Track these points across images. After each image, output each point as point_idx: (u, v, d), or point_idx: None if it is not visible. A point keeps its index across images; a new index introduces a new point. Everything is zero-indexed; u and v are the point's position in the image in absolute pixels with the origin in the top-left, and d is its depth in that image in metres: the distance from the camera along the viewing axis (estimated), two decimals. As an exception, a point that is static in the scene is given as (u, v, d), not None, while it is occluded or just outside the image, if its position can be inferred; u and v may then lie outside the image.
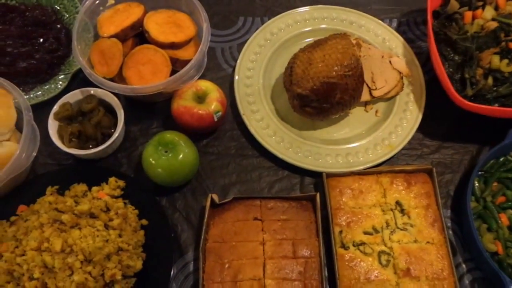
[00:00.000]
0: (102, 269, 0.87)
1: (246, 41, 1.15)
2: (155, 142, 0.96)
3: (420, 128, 1.06)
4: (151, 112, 1.08)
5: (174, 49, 1.03)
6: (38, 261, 0.85)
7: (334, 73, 0.96)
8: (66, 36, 1.12)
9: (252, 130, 1.03)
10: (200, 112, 0.99)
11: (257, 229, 0.94)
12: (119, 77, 1.02)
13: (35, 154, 0.92)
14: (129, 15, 1.03)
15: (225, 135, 1.07)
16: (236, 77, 1.08)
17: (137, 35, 1.06)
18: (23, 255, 0.87)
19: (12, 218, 0.95)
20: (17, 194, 0.97)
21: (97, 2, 1.04)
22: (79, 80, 1.11)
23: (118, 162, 1.04)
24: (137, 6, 1.05)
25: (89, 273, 0.86)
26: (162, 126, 1.07)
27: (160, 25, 1.03)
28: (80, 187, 0.97)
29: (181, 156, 0.95)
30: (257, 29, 1.16)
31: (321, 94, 0.96)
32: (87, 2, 1.03)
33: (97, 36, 1.06)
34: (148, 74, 1.00)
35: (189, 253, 0.96)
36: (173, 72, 1.00)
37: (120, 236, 0.91)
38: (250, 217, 0.95)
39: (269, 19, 1.17)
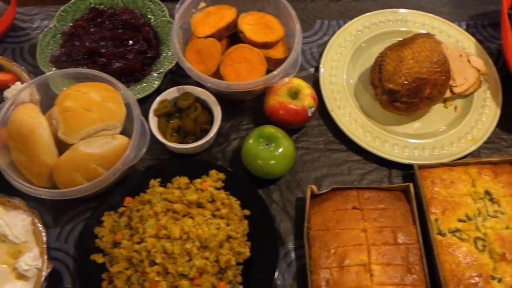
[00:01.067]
0: (216, 255, 0.91)
1: (325, 42, 1.21)
2: (255, 135, 1.00)
3: (497, 123, 1.11)
4: (240, 109, 1.13)
5: (266, 48, 1.08)
6: (158, 247, 0.88)
7: (424, 69, 1.01)
8: (155, 38, 1.17)
9: (341, 125, 1.08)
10: (295, 107, 1.04)
11: (357, 217, 0.98)
12: (214, 75, 1.06)
13: (146, 147, 0.96)
14: (222, 16, 1.08)
15: (312, 131, 1.11)
16: (322, 76, 1.14)
17: (229, 36, 1.11)
18: (140, 242, 0.91)
19: (121, 209, 0.99)
20: (121, 187, 1.01)
21: (190, 5, 1.09)
22: (168, 79, 1.15)
23: (213, 157, 1.08)
24: (229, 8, 1.10)
25: (206, 258, 0.89)
26: (252, 122, 1.12)
27: (253, 26, 1.08)
28: (183, 180, 1.01)
29: (281, 149, 0.99)
30: (333, 31, 1.22)
31: (412, 89, 1.02)
32: (183, 5, 1.08)
33: (186, 37, 1.11)
34: (244, 72, 1.05)
35: (289, 242, 1.00)
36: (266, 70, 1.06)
37: (227, 225, 0.95)
38: (349, 206, 0.99)
39: (344, 22, 1.23)
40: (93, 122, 0.93)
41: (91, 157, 0.92)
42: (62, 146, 0.95)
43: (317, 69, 1.17)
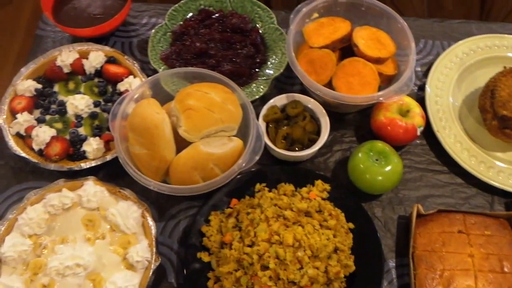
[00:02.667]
0: (325, 266, 0.91)
1: (428, 61, 1.21)
2: (366, 149, 1.01)
3: None
4: (342, 122, 1.14)
5: (378, 64, 1.08)
6: (271, 252, 0.89)
7: (542, 98, 1.00)
8: (262, 43, 1.19)
9: (446, 147, 1.08)
10: (405, 125, 1.04)
11: (464, 241, 0.97)
12: (325, 86, 1.07)
13: (261, 152, 0.97)
14: (337, 29, 1.09)
15: (415, 150, 1.11)
16: (428, 96, 1.13)
17: (341, 48, 1.11)
18: (251, 245, 0.92)
19: (228, 210, 1.00)
20: (226, 188, 1.02)
21: (305, 15, 1.10)
22: (272, 86, 1.16)
23: (316, 167, 1.09)
24: (342, 21, 1.11)
25: (317, 268, 0.90)
26: (354, 136, 1.13)
27: (366, 41, 1.08)
28: (289, 187, 1.02)
29: (390, 166, 0.99)
30: (437, 51, 1.23)
31: (527, 117, 1.01)
32: (298, 15, 1.09)
33: (295, 45, 1.12)
34: (357, 85, 1.05)
35: (389, 260, 1.00)
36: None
37: (334, 236, 0.95)
38: (455, 229, 0.99)
39: (448, 43, 1.23)
40: (215, 123, 0.94)
41: (210, 156, 0.94)
42: (177, 143, 0.97)
43: (420, 88, 1.17)
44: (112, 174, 1.05)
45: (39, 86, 1.11)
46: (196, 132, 0.94)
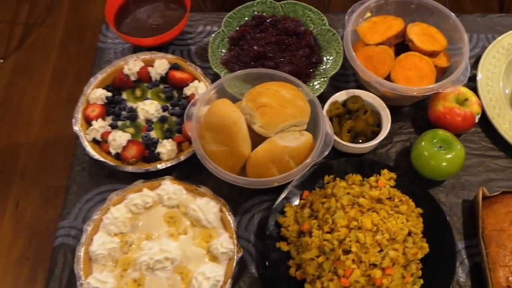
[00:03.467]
0: (403, 248, 0.95)
1: (475, 54, 1.27)
2: (429, 137, 1.06)
3: None
4: (399, 115, 1.19)
5: (432, 57, 1.14)
6: (352, 237, 0.94)
7: None
8: (316, 44, 1.24)
9: (502, 132, 1.13)
10: (464, 113, 1.09)
11: (530, 221, 1.02)
12: (382, 80, 1.12)
13: (331, 144, 1.01)
14: (391, 26, 1.15)
15: (471, 138, 1.16)
16: (480, 85, 1.19)
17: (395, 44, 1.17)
18: (330, 232, 0.96)
19: (301, 202, 1.05)
20: (296, 181, 1.07)
21: (359, 15, 1.16)
22: (328, 84, 1.22)
23: (378, 157, 1.14)
24: (395, 19, 1.17)
25: (395, 250, 0.94)
26: (412, 127, 1.18)
27: (419, 36, 1.14)
28: (356, 177, 1.07)
29: (454, 152, 1.04)
30: (483, 44, 1.28)
31: None
32: (353, 15, 1.15)
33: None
34: (415, 78, 1.10)
35: (458, 242, 1.04)
36: (432, 78, 1.12)
37: (407, 221, 1.00)
38: (520, 210, 1.03)
39: (492, 36, 1.29)
40: (288, 118, 1.00)
41: (286, 149, 0.99)
42: (251, 140, 1.02)
43: (470, 79, 1.22)
44: (185, 173, 1.11)
45: (109, 94, 1.16)
46: (272, 127, 0.99)
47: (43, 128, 2.33)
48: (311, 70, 1.22)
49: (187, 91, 1.17)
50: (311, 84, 1.19)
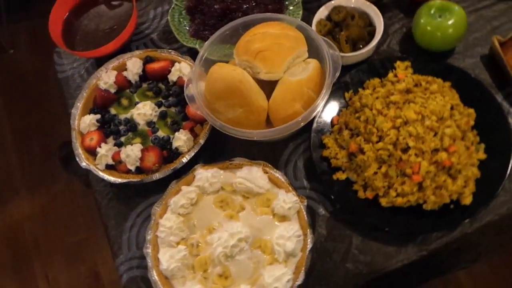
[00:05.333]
0: (454, 122, 0.93)
1: None
2: (426, 12, 1.03)
3: None
4: (383, 8, 1.13)
5: None
6: (404, 133, 0.91)
7: None
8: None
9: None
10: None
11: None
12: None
13: (341, 61, 0.97)
14: None
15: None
16: None
17: None
18: (379, 141, 0.93)
19: (334, 128, 1.01)
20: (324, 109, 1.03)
21: None
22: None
23: (382, 55, 1.11)
24: None
25: (449, 126, 0.92)
26: (400, 13, 1.15)
27: None
28: (375, 81, 1.04)
29: (455, 16, 1.01)
30: None
31: None
32: None
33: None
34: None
35: (495, 96, 1.02)
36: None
37: (443, 96, 0.97)
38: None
39: None
40: (289, 52, 0.95)
41: (301, 82, 0.94)
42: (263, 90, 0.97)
43: None
44: (210, 156, 1.05)
45: (98, 116, 1.09)
46: (278, 68, 0.94)
47: (33, 194, 2.22)
48: (282, 3, 1.16)
49: (173, 77, 1.10)
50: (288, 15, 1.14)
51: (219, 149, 1.04)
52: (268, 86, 0.97)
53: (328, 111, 1.04)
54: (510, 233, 1.07)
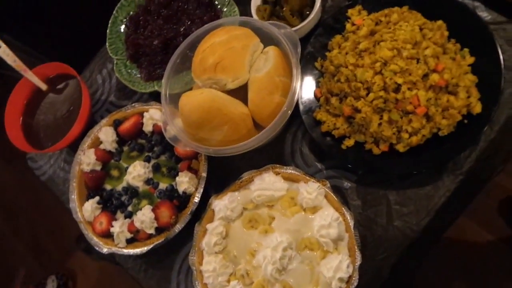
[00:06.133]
0: (431, 42, 0.90)
1: None
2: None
3: None
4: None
5: None
6: (388, 74, 0.87)
7: None
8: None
9: None
10: None
11: None
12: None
13: (298, 38, 0.94)
14: None
15: None
16: None
17: None
18: (369, 93, 0.90)
19: (321, 101, 0.98)
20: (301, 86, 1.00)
21: None
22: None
23: (331, 12, 1.07)
24: None
25: (428, 47, 0.89)
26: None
27: None
28: (336, 39, 1.01)
29: None
30: None
31: None
32: None
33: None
34: None
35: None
36: None
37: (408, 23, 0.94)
38: None
39: None
40: (244, 51, 0.92)
41: (269, 74, 0.91)
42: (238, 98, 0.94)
43: None
44: (218, 185, 1.01)
45: (97, 198, 1.05)
46: (241, 71, 0.91)
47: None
48: (213, 6, 1.13)
49: (148, 128, 1.07)
50: (226, 16, 1.11)
51: (224, 172, 1.01)
52: (241, 92, 0.94)
53: (308, 87, 1.01)
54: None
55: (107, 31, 1.17)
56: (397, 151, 0.90)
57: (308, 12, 1.03)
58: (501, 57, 0.88)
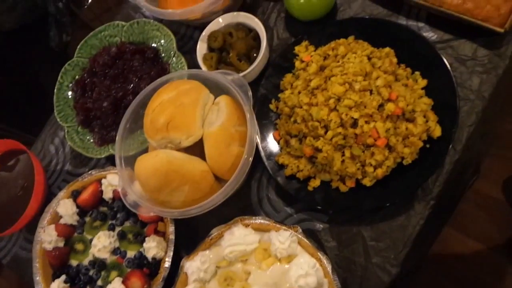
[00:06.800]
0: (382, 71, 0.89)
1: None
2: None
3: None
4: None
5: None
6: (343, 109, 0.86)
7: None
8: (138, 44, 1.13)
9: None
10: None
11: None
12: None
13: (247, 83, 0.91)
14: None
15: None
16: None
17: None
18: (327, 131, 0.88)
19: (281, 143, 0.95)
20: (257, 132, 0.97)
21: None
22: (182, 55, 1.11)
23: (274, 48, 1.06)
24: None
25: (378, 77, 0.87)
26: None
27: None
28: (287, 78, 0.99)
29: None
30: None
31: None
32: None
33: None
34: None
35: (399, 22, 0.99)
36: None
37: (355, 53, 0.93)
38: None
39: None
40: (194, 106, 0.89)
41: (224, 126, 0.88)
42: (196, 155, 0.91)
43: None
44: (188, 244, 0.97)
45: (63, 277, 1.00)
46: (194, 127, 0.88)
47: None
48: (159, 60, 1.10)
49: (107, 195, 1.03)
50: (173, 69, 1.08)
51: (193, 229, 0.98)
52: (198, 147, 0.91)
53: (266, 131, 0.98)
54: (490, 124, 1.04)
55: (54, 98, 1.12)
56: (364, 185, 0.87)
57: (255, 55, 1.01)
58: (452, 75, 0.88)
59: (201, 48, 1.03)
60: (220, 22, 1.03)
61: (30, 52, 1.61)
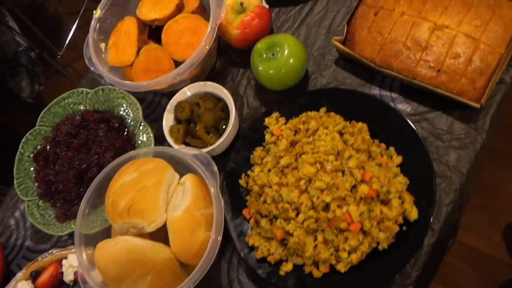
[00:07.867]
0: (354, 151, 0.85)
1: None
2: (255, 53, 0.95)
3: None
4: (217, 75, 1.07)
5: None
6: (314, 192, 0.82)
7: None
8: (102, 112, 1.09)
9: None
10: (254, 14, 0.99)
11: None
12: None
13: (211, 158, 0.87)
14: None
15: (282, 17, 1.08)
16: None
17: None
18: (298, 213, 0.83)
19: (251, 223, 0.90)
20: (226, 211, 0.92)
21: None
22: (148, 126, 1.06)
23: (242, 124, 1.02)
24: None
25: (351, 157, 0.84)
26: (238, 67, 1.06)
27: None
28: (258, 152, 0.95)
29: (286, 49, 0.93)
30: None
31: None
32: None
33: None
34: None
35: (369, 91, 0.96)
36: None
37: (327, 128, 0.89)
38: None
39: None
40: (157, 189, 0.84)
41: (188, 211, 0.83)
42: (159, 241, 0.85)
43: None
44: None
45: None
46: (156, 213, 0.83)
47: None
48: (126, 133, 1.05)
49: (68, 277, 0.97)
50: (139, 142, 1.03)
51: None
52: (162, 231, 0.85)
53: (236, 207, 0.93)
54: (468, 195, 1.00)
55: (14, 170, 1.06)
56: (338, 270, 0.82)
57: (224, 126, 0.97)
58: (428, 151, 0.84)
59: (168, 118, 0.99)
60: (186, 92, 0.99)
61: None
